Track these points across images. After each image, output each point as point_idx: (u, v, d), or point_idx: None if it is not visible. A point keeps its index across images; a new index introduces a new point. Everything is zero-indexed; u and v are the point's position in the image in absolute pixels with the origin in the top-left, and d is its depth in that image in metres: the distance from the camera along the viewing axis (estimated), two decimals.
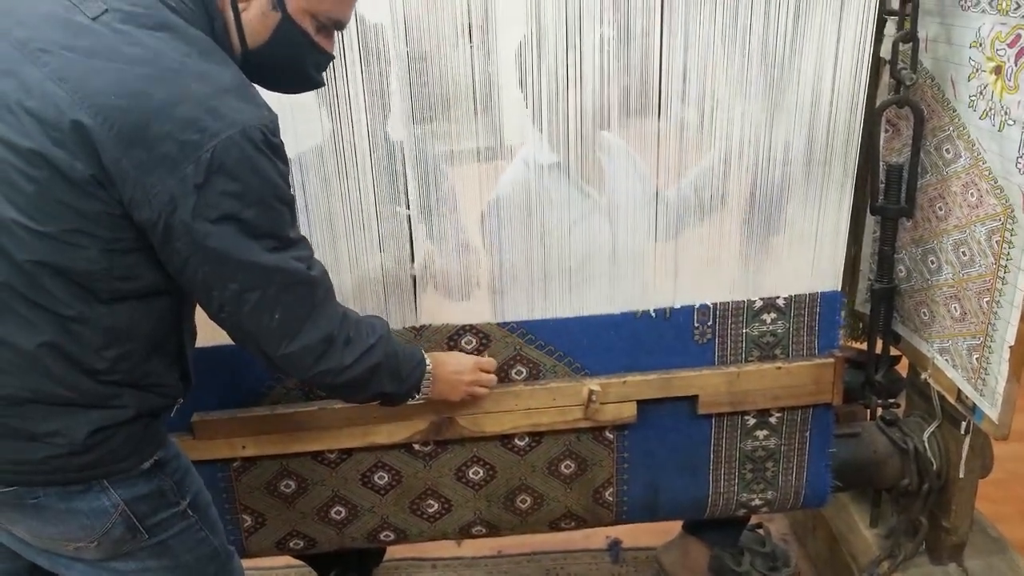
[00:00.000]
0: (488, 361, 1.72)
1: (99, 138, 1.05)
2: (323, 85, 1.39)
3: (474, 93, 1.60)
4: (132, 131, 1.06)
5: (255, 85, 1.22)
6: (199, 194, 1.09)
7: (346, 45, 1.53)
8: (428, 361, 1.54)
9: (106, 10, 1.09)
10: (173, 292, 1.21)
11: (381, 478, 1.85)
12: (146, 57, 1.08)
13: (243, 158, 1.10)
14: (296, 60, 1.28)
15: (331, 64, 1.38)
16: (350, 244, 1.68)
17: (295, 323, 1.24)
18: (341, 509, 1.88)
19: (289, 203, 1.21)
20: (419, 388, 1.52)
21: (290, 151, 1.56)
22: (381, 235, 1.68)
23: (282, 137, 1.20)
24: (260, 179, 1.13)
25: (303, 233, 1.62)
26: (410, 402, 1.54)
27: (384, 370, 1.40)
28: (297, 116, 1.55)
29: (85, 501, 1.22)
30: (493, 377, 1.73)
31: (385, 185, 1.65)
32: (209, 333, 1.36)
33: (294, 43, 1.25)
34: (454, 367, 1.64)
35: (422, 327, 1.75)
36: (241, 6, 1.20)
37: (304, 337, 1.25)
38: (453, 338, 1.76)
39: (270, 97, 1.35)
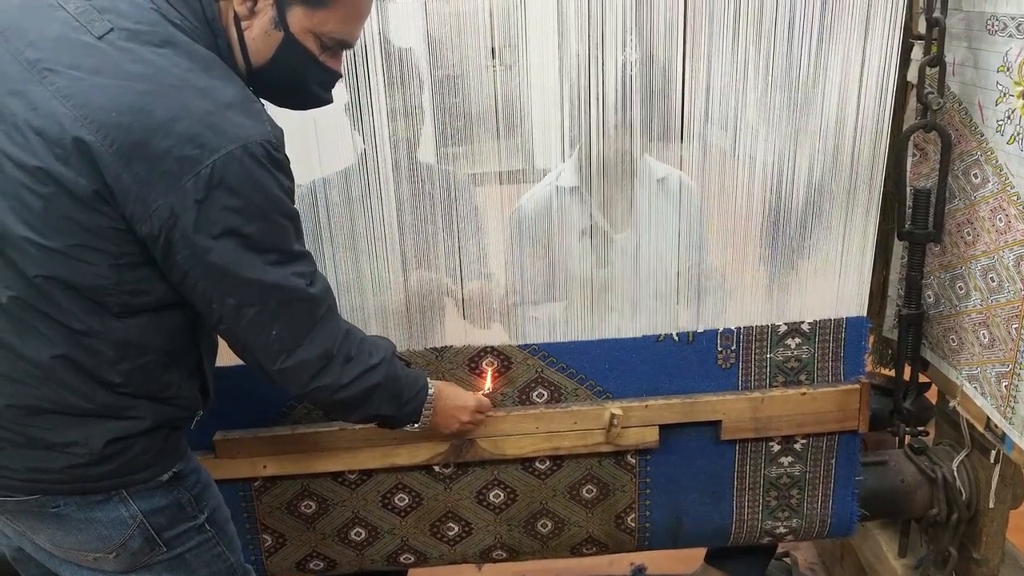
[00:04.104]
0: (487, 404, 1.69)
1: (100, 154, 1.07)
2: (331, 102, 1.38)
3: (498, 116, 1.61)
4: (133, 147, 1.07)
5: (263, 101, 1.23)
6: (200, 209, 1.10)
7: (372, 68, 1.55)
8: (431, 390, 1.50)
9: (112, 28, 1.11)
10: (186, 306, 1.22)
11: (401, 500, 1.85)
12: (147, 74, 1.10)
13: (244, 173, 1.11)
14: (300, 79, 1.28)
15: (365, 87, 1.37)
16: (373, 265, 1.69)
17: (293, 339, 1.24)
18: (361, 531, 1.87)
19: (292, 217, 1.21)
20: (419, 415, 1.49)
21: (316, 173, 1.59)
22: (404, 256, 1.69)
23: (309, 159, 1.19)
24: (262, 194, 1.14)
25: (327, 253, 1.65)
26: (408, 429, 1.51)
27: (383, 392, 1.38)
28: (323, 139, 1.56)
29: (104, 511, 1.23)
30: (484, 418, 1.71)
31: (410, 206, 1.66)
32: (231, 353, 1.35)
33: (298, 62, 1.25)
34: (455, 403, 1.60)
35: (444, 348, 1.75)
36: (244, 24, 1.21)
37: (301, 353, 1.25)
38: (474, 360, 1.76)
39: (298, 118, 1.37)
